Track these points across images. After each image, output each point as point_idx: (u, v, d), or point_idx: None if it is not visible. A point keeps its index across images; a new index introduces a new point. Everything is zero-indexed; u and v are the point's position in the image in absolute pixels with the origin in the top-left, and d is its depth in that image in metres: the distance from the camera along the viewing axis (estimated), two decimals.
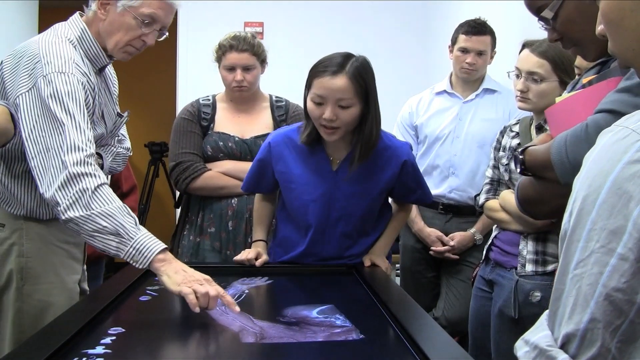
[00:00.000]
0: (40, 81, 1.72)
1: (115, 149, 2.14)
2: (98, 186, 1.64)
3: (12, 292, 1.88)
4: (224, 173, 2.56)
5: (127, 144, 2.24)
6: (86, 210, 1.61)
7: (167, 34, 1.98)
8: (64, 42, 1.83)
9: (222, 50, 2.58)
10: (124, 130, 2.24)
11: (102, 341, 1.32)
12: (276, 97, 2.74)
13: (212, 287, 1.53)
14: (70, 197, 1.62)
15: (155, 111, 5.49)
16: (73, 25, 1.91)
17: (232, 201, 2.56)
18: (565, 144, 1.30)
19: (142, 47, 1.94)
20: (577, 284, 0.74)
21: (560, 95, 1.73)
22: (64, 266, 1.95)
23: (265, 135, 2.59)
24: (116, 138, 2.16)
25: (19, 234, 1.90)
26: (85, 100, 1.78)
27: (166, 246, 1.62)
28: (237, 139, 2.60)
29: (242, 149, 2.60)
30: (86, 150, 1.68)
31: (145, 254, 1.58)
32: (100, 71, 1.98)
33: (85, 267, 2.11)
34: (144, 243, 1.59)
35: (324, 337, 1.38)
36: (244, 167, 2.53)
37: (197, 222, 2.60)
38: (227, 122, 2.65)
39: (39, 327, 1.60)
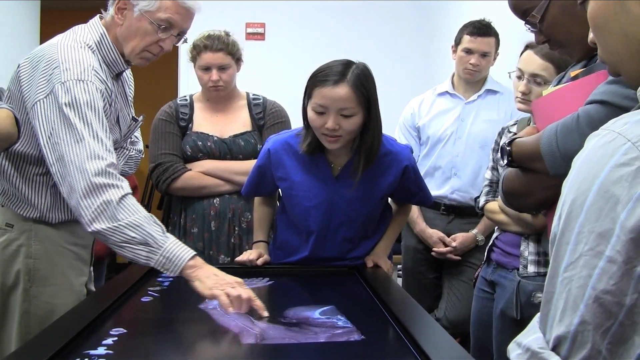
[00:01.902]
0: (58, 88, 1.71)
1: (128, 152, 2.14)
2: (123, 197, 1.64)
3: (19, 294, 1.89)
4: (205, 173, 2.56)
5: (140, 145, 2.24)
6: (113, 222, 1.62)
7: (185, 38, 1.96)
8: (83, 47, 1.81)
9: (197, 51, 2.58)
10: (137, 133, 2.24)
11: (104, 342, 1.32)
12: (253, 94, 2.73)
13: (244, 290, 1.55)
14: (95, 208, 1.62)
15: (156, 112, 5.49)
16: (93, 29, 1.89)
17: (214, 201, 2.56)
18: (556, 135, 1.30)
19: (159, 53, 1.92)
20: (566, 286, 0.75)
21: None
22: (71, 268, 1.95)
23: (244, 134, 2.60)
24: (129, 140, 2.16)
25: (28, 235, 1.90)
26: (103, 108, 1.77)
27: (195, 252, 1.64)
28: (215, 138, 2.60)
29: (221, 148, 2.59)
30: (107, 159, 1.68)
31: (175, 262, 1.60)
32: (117, 76, 1.97)
33: (92, 268, 2.11)
34: (174, 251, 1.61)
35: (325, 337, 1.39)
36: (224, 166, 2.55)
37: (180, 223, 2.60)
38: (205, 122, 2.65)
39: None
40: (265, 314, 1.52)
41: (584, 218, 0.73)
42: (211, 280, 1.57)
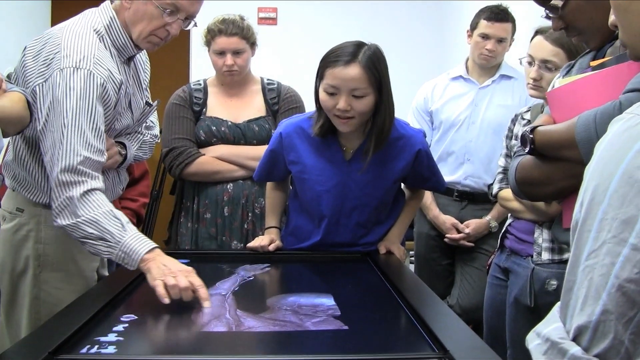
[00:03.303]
0: (57, 74, 1.71)
1: (142, 137, 2.12)
2: (85, 192, 1.66)
3: (29, 279, 1.89)
4: (218, 158, 2.55)
5: (156, 130, 2.22)
6: (73, 218, 1.64)
7: (194, 23, 1.94)
8: (89, 33, 1.80)
9: (211, 35, 2.55)
10: (153, 117, 2.22)
11: (115, 328, 1.32)
12: (267, 79, 2.71)
13: (184, 279, 1.52)
14: (59, 204, 1.66)
15: (168, 98, 5.50)
16: (102, 13, 1.88)
17: (228, 186, 2.55)
18: (595, 122, 1.26)
19: (167, 38, 1.90)
20: (588, 275, 0.73)
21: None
22: (82, 253, 1.94)
23: (258, 119, 2.59)
24: (144, 124, 2.15)
25: (37, 220, 1.90)
26: (104, 97, 1.77)
27: (154, 245, 1.63)
28: (230, 123, 2.58)
29: (235, 134, 2.58)
30: (81, 154, 1.68)
31: (132, 257, 1.60)
32: (129, 60, 1.95)
33: None
34: (131, 246, 1.61)
35: (314, 324, 1.37)
36: (238, 151, 2.54)
37: (193, 208, 2.59)
38: (219, 107, 2.63)
39: None
40: (207, 304, 1.49)
41: (607, 204, 0.71)
42: (158, 272, 1.55)
